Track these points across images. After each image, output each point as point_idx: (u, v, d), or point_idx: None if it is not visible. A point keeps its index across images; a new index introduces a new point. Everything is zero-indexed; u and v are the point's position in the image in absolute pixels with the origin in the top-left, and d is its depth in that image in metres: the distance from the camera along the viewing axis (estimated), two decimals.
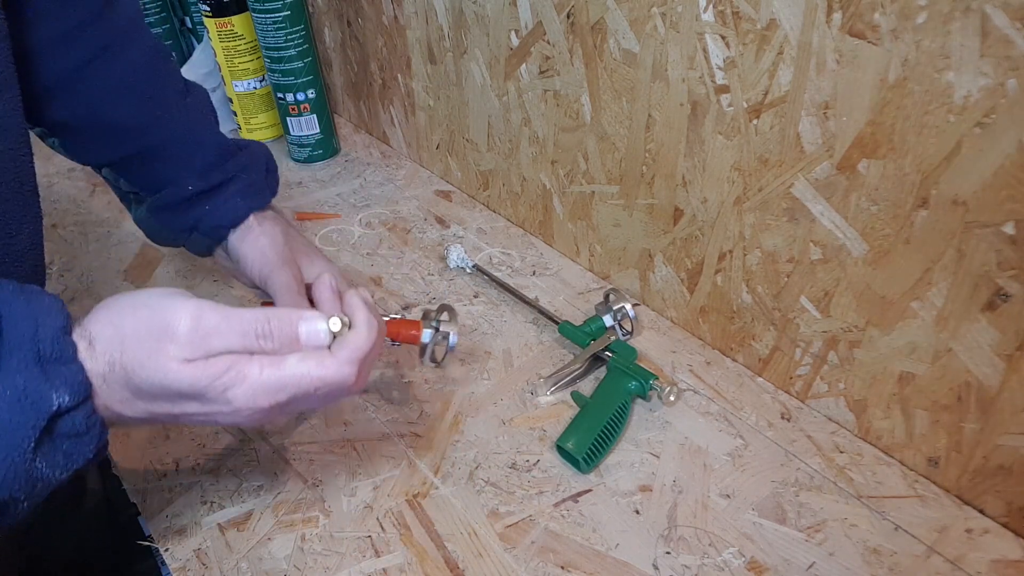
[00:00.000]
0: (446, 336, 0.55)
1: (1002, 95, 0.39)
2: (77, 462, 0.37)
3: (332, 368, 0.41)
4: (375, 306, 0.44)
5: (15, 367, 0.34)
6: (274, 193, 0.61)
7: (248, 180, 0.59)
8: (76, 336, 0.37)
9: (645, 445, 0.57)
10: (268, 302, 0.59)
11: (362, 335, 0.42)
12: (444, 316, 0.57)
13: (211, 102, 0.64)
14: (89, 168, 0.62)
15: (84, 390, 0.36)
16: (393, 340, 0.55)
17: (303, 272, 0.56)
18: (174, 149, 0.58)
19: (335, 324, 0.41)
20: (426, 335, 0.55)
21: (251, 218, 0.58)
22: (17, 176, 0.47)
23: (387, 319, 0.55)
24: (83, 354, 0.37)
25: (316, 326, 0.41)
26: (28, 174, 0.49)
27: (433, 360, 0.57)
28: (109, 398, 0.38)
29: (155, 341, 0.37)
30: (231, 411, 0.39)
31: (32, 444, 0.34)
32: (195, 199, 0.57)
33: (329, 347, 0.41)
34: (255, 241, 0.57)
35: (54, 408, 0.35)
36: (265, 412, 0.40)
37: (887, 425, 0.54)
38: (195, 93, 0.62)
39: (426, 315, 0.57)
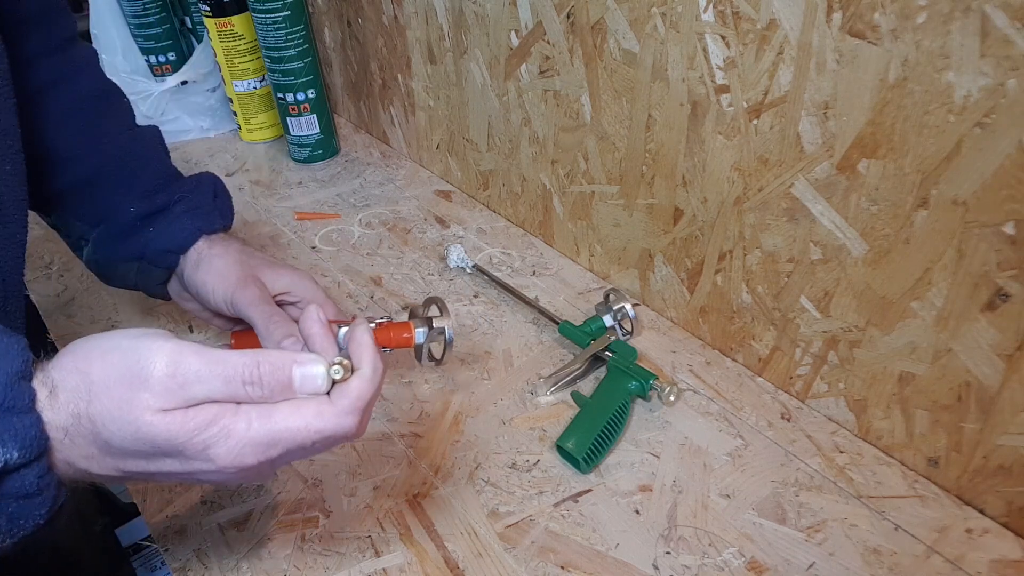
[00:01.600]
0: (441, 332, 0.53)
1: (1002, 95, 0.39)
2: (24, 528, 0.33)
3: (332, 420, 0.36)
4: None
5: None
6: (226, 220, 0.59)
7: (194, 202, 0.57)
8: (37, 383, 0.33)
9: (645, 445, 0.57)
10: (239, 331, 0.58)
11: (366, 380, 0.37)
12: (434, 311, 0.55)
13: (162, 138, 0.62)
14: None
15: (38, 445, 0.32)
16: (384, 347, 0.54)
17: (268, 286, 0.55)
18: (116, 174, 0.57)
19: (337, 372, 0.37)
20: (419, 335, 0.53)
21: (201, 242, 0.56)
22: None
23: (373, 325, 0.53)
24: (43, 403, 0.33)
25: (313, 370, 0.36)
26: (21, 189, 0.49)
27: (432, 359, 0.56)
28: (72, 454, 0.34)
29: (127, 389, 0.33)
30: (214, 470, 0.35)
31: None
32: (140, 224, 0.56)
33: (327, 393, 0.37)
34: (210, 264, 0.55)
35: (0, 464, 0.31)
36: (252, 469, 0.36)
37: (887, 425, 0.54)
38: (145, 128, 0.61)
39: (413, 313, 0.54)
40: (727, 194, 0.57)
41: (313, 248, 0.82)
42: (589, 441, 0.54)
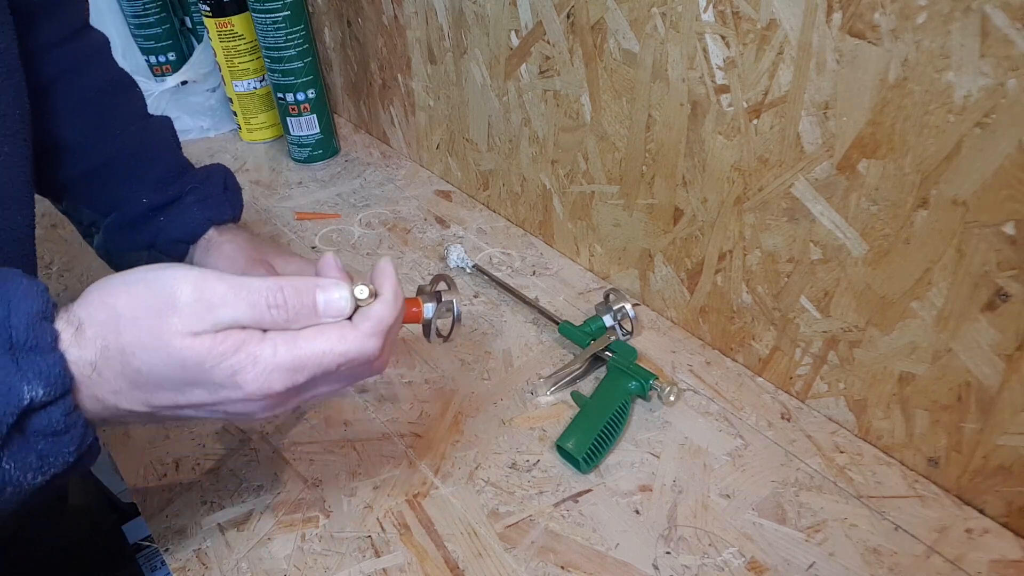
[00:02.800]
0: (450, 308, 0.53)
1: (1002, 95, 0.39)
2: (55, 465, 0.34)
3: (356, 342, 0.36)
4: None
5: None
6: (236, 211, 0.60)
7: (204, 192, 0.58)
8: (61, 322, 0.34)
9: (645, 445, 0.57)
10: None
11: (388, 303, 0.38)
12: (443, 286, 0.54)
13: (173, 129, 0.63)
14: None
15: (63, 383, 0.33)
16: None
17: (278, 271, 0.54)
18: (129, 164, 0.57)
19: (362, 292, 0.37)
20: (428, 310, 0.52)
21: (212, 231, 0.56)
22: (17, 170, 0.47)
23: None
24: (67, 342, 0.33)
25: (336, 294, 0.37)
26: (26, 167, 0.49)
27: (440, 336, 0.55)
28: (101, 389, 0.34)
29: (156, 317, 0.33)
30: (242, 397, 0.35)
31: None
32: (151, 214, 0.56)
33: (350, 318, 0.37)
34: (220, 250, 0.55)
35: (25, 402, 0.31)
36: (280, 397, 0.36)
37: (887, 425, 0.54)
38: (157, 119, 0.62)
39: (421, 290, 0.54)
40: (727, 194, 0.57)
41: (313, 248, 0.82)
42: (589, 441, 0.54)
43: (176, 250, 0.57)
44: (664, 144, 0.61)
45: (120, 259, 0.59)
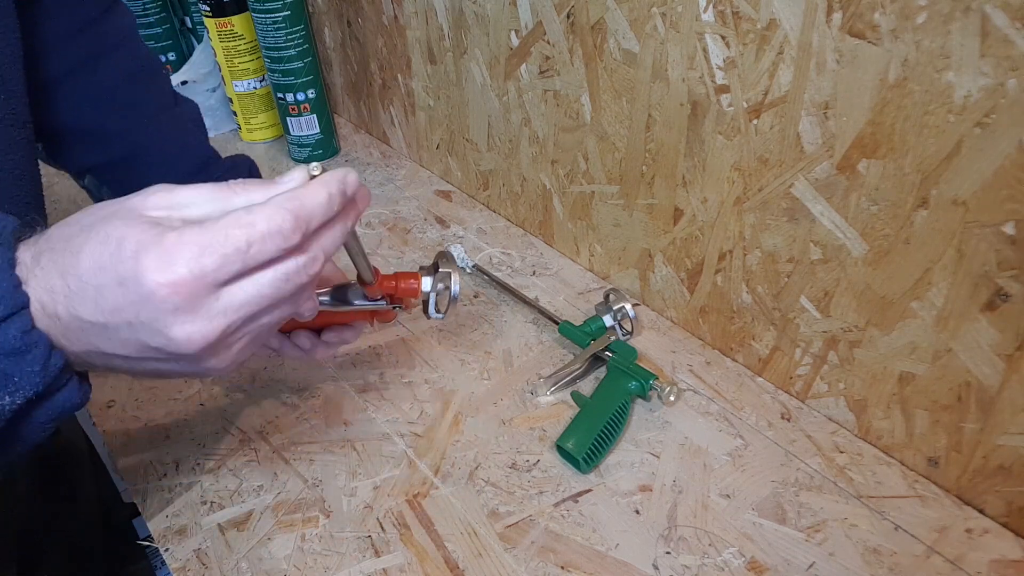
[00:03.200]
0: (447, 285, 0.52)
1: (1002, 95, 0.39)
2: (22, 387, 0.32)
3: (264, 211, 0.32)
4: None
5: None
6: None
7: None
8: (24, 248, 0.33)
9: (645, 445, 0.57)
10: None
11: (312, 187, 0.34)
12: (443, 263, 0.54)
13: (200, 116, 0.63)
14: None
15: (14, 302, 0.31)
16: (391, 298, 0.53)
17: None
18: (158, 155, 0.57)
19: (315, 168, 0.35)
20: (426, 283, 0.52)
21: None
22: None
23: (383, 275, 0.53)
24: (26, 265, 0.32)
25: (293, 174, 0.35)
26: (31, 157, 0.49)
27: (438, 311, 0.55)
28: (48, 298, 0.32)
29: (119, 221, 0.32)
30: (149, 291, 0.31)
31: None
32: None
33: None
34: None
35: None
36: (193, 298, 0.32)
37: (887, 425, 0.54)
38: (185, 105, 0.62)
39: (422, 268, 0.55)
40: (727, 194, 0.57)
41: None
42: (589, 441, 0.54)
43: None
44: (664, 144, 0.61)
45: None
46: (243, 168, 0.61)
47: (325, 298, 0.52)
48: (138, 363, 0.35)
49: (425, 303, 0.54)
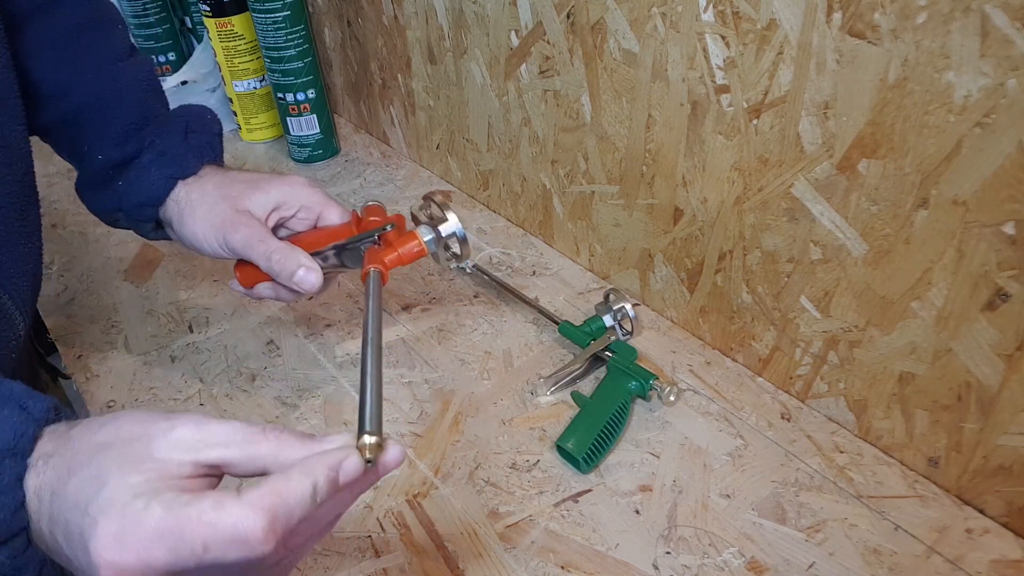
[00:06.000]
0: (453, 235, 0.50)
1: (1002, 95, 0.39)
2: None
3: (231, 514, 0.29)
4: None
5: None
6: (204, 157, 0.54)
7: (162, 147, 0.53)
8: (39, 450, 0.32)
9: (645, 445, 0.57)
10: (242, 262, 0.56)
11: (294, 480, 0.30)
12: (432, 210, 0.50)
13: (150, 72, 0.57)
14: None
15: (9, 526, 0.30)
16: (394, 258, 0.52)
17: (258, 212, 0.52)
18: (94, 115, 0.53)
19: (369, 440, 0.33)
20: (429, 244, 0.50)
21: (179, 190, 0.52)
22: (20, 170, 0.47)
23: (372, 246, 0.51)
24: (34, 473, 0.31)
25: (336, 439, 0.33)
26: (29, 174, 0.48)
27: (455, 257, 0.52)
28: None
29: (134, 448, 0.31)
30: (91, 563, 0.29)
31: None
32: (111, 174, 0.52)
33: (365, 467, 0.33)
34: (193, 214, 0.52)
35: None
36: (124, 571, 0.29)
37: (887, 425, 0.54)
38: (131, 62, 0.56)
39: (415, 219, 0.52)
40: (727, 194, 0.57)
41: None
42: (589, 441, 0.54)
43: (143, 213, 0.53)
44: (664, 144, 0.61)
45: (101, 217, 0.56)
46: (176, 126, 0.54)
47: (328, 265, 0.52)
48: None
49: (435, 256, 0.51)
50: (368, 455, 0.33)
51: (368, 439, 0.33)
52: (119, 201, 0.53)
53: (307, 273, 0.50)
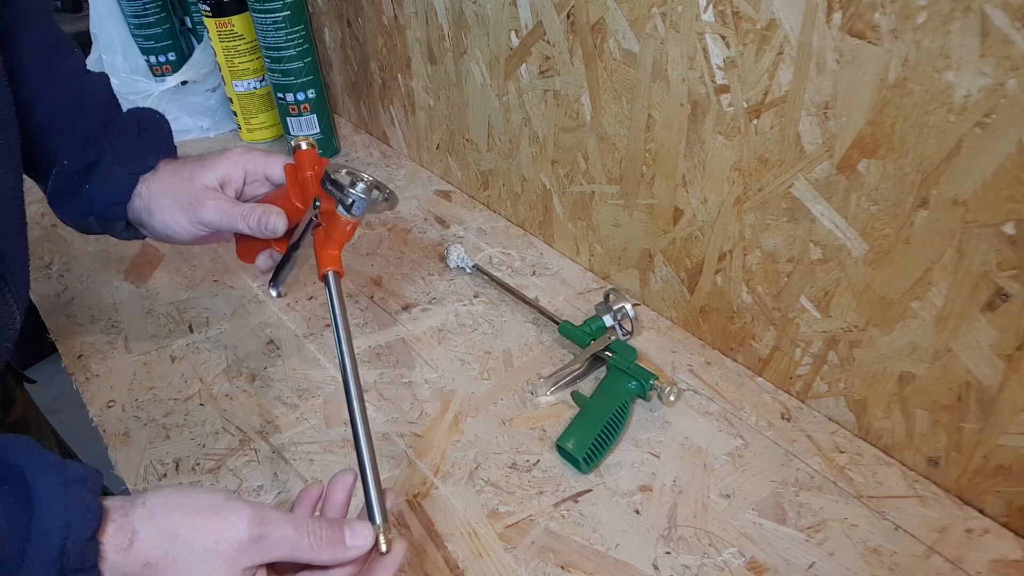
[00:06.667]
0: (356, 193, 0.49)
1: (1002, 95, 0.39)
2: None
3: None
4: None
5: None
6: (159, 152, 0.58)
7: (119, 148, 0.56)
8: (112, 532, 0.36)
9: (645, 445, 0.57)
10: (239, 240, 0.61)
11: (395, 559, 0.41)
12: (339, 178, 0.50)
13: (106, 86, 0.61)
14: None
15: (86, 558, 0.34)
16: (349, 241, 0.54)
17: (209, 184, 0.55)
18: (60, 125, 0.56)
19: (381, 531, 0.42)
20: (355, 215, 0.51)
21: (141, 185, 0.55)
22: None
23: (316, 228, 0.52)
24: (112, 554, 0.35)
25: (361, 533, 0.41)
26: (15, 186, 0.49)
27: (376, 192, 0.51)
28: None
29: (213, 544, 0.37)
30: None
31: None
32: (77, 180, 0.55)
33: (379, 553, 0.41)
34: (159, 204, 0.55)
35: None
36: None
37: (887, 425, 0.54)
38: (94, 76, 0.60)
39: (328, 195, 0.51)
40: (727, 194, 0.57)
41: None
42: (589, 441, 0.54)
43: (113, 212, 0.56)
44: (664, 144, 0.61)
45: (75, 225, 0.58)
46: (129, 127, 0.57)
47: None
48: None
49: (370, 209, 0.51)
50: (383, 548, 0.41)
51: (382, 538, 0.41)
52: (88, 205, 0.55)
53: (266, 215, 0.54)
